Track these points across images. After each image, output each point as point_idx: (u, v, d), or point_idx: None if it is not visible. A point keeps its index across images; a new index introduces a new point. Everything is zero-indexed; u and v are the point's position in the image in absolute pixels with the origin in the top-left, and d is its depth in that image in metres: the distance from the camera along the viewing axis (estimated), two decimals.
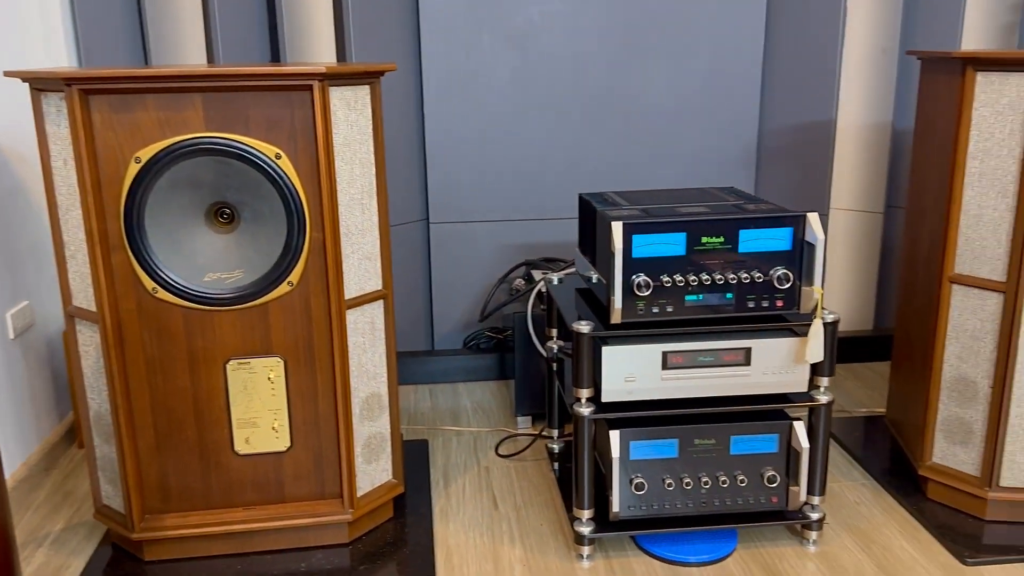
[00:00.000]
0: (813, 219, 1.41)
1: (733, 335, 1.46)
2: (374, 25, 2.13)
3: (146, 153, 1.31)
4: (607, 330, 1.44)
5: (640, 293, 1.41)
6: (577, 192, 2.30)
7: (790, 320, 1.46)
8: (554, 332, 1.78)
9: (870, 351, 2.40)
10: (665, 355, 1.44)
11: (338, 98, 1.37)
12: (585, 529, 1.50)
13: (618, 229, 1.39)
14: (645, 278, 1.41)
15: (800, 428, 1.47)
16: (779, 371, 1.46)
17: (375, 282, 1.50)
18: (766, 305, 1.44)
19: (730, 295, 1.43)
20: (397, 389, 1.58)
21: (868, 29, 2.25)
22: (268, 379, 1.44)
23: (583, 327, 1.42)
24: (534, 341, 1.94)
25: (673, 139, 2.30)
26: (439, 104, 2.21)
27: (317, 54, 2.12)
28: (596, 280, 1.53)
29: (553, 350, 1.77)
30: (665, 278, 1.42)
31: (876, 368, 2.36)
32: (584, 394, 1.45)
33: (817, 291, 1.42)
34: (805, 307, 1.45)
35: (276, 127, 1.33)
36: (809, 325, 1.43)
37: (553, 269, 2.06)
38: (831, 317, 1.45)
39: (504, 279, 2.25)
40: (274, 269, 1.39)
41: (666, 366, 1.44)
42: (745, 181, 2.35)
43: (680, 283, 1.42)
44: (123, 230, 1.33)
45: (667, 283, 1.42)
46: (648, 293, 1.41)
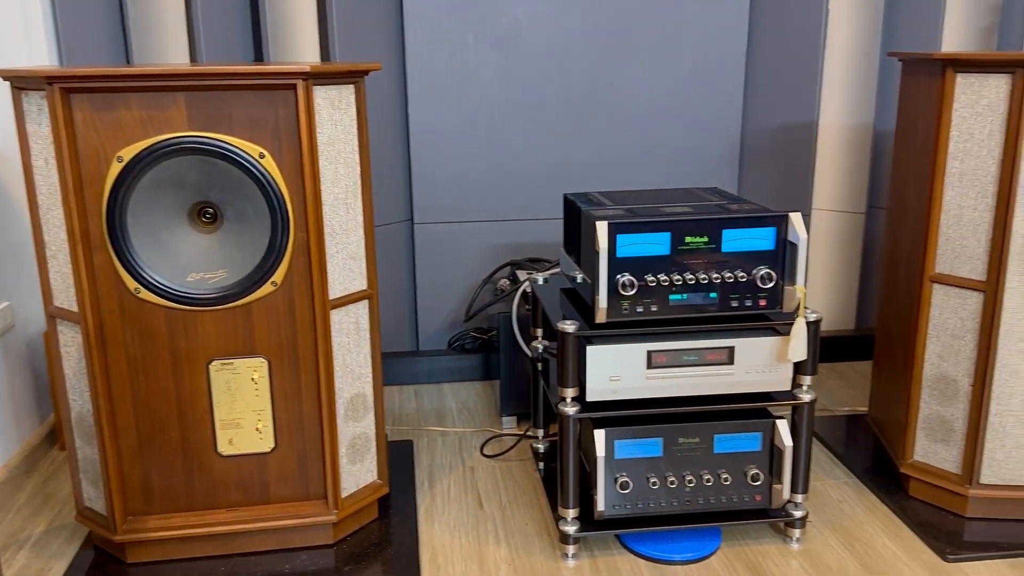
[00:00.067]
0: (796, 219, 1.42)
1: (717, 334, 1.46)
2: (358, 24, 2.12)
3: (128, 152, 1.30)
4: (592, 330, 1.44)
5: (625, 293, 1.42)
6: (562, 192, 2.30)
7: (773, 319, 1.47)
8: (539, 332, 1.78)
9: (852, 350, 2.42)
10: (650, 354, 1.45)
11: (322, 97, 1.36)
12: (570, 528, 1.50)
13: (603, 229, 1.39)
14: (630, 278, 1.41)
15: (783, 426, 1.48)
16: (762, 370, 1.47)
17: (360, 282, 1.50)
18: (749, 304, 1.45)
19: (714, 294, 1.44)
20: (382, 389, 1.58)
21: (850, 31, 2.27)
22: (252, 380, 1.44)
23: (568, 327, 1.43)
24: (519, 341, 1.94)
25: (657, 139, 2.31)
26: (424, 104, 2.21)
27: (301, 53, 2.11)
28: (581, 280, 1.54)
29: (538, 350, 1.77)
30: (649, 278, 1.42)
31: (858, 367, 2.38)
32: (569, 393, 1.46)
33: (800, 290, 1.43)
34: (788, 306, 1.45)
35: (260, 126, 1.33)
36: (792, 324, 1.44)
37: (538, 269, 2.06)
38: (813, 316, 1.46)
39: (489, 279, 2.25)
40: (258, 269, 1.38)
41: (651, 365, 1.45)
42: (728, 181, 2.36)
43: (664, 283, 1.42)
44: (105, 230, 1.32)
45: (651, 283, 1.42)
46: (633, 293, 1.42)
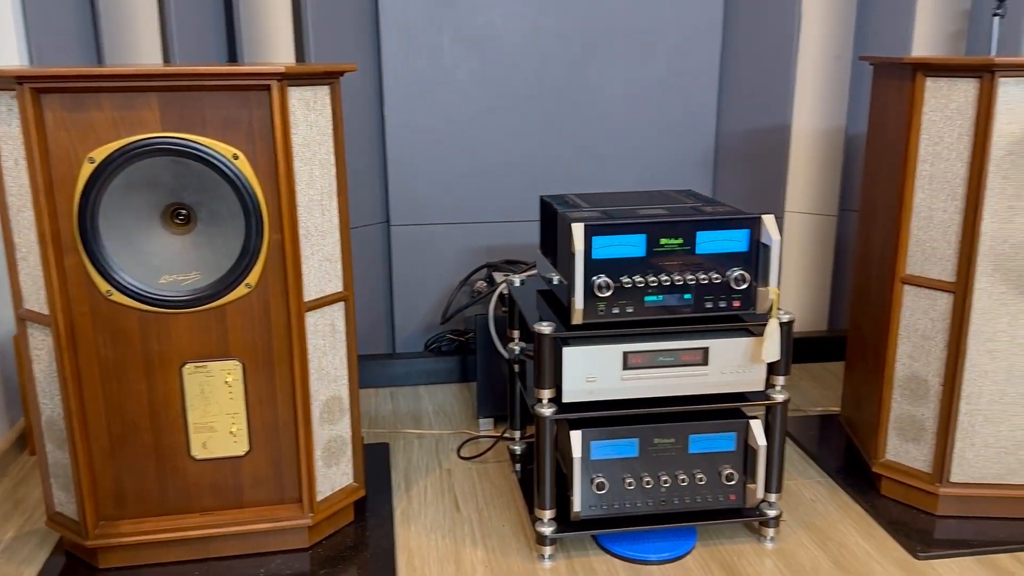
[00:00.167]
0: (769, 221, 1.43)
1: (691, 335, 1.47)
2: (333, 26, 2.12)
3: (100, 153, 1.28)
4: (568, 331, 1.45)
5: (601, 294, 1.42)
6: (538, 194, 2.31)
7: (747, 320, 1.49)
8: (516, 334, 1.78)
9: (825, 351, 2.44)
10: (626, 355, 1.45)
11: (297, 98, 1.36)
12: (547, 529, 1.50)
13: (579, 230, 1.40)
14: (606, 279, 1.42)
15: (757, 426, 1.49)
16: (736, 370, 1.48)
17: (335, 284, 1.49)
18: (723, 305, 1.46)
19: (689, 296, 1.45)
20: (358, 392, 1.57)
21: (822, 35, 2.29)
22: (226, 382, 1.43)
23: (544, 328, 1.43)
24: (496, 343, 1.94)
25: (632, 142, 2.32)
26: (399, 106, 2.20)
27: (275, 54, 2.10)
28: (557, 281, 1.54)
29: (515, 352, 1.77)
30: (625, 279, 1.43)
31: (830, 368, 2.40)
32: (546, 395, 1.46)
33: (773, 292, 1.44)
34: (761, 307, 1.47)
35: (234, 127, 1.32)
36: (765, 325, 1.45)
37: (515, 271, 2.07)
38: (786, 317, 1.47)
39: (465, 281, 2.25)
40: (232, 271, 1.37)
41: (626, 366, 1.46)
42: (703, 184, 2.38)
43: (640, 284, 1.43)
44: (76, 231, 1.31)
45: (627, 284, 1.43)
46: (609, 294, 1.42)
